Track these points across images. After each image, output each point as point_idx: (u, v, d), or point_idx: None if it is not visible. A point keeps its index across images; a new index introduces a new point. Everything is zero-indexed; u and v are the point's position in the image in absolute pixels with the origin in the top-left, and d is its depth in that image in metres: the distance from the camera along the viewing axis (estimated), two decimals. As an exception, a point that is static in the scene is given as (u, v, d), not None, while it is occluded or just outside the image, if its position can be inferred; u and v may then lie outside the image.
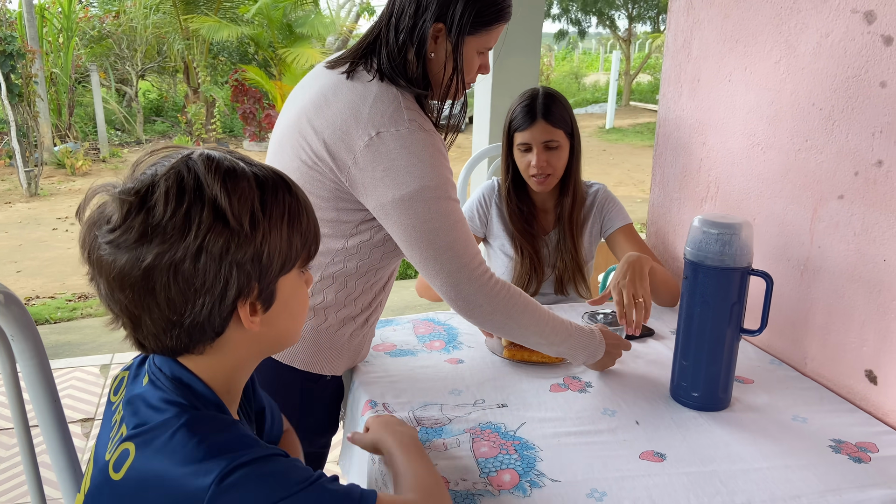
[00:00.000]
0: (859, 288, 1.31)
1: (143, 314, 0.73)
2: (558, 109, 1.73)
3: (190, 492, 0.68)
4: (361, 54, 1.26)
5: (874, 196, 1.27)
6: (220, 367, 0.80)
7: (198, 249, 0.70)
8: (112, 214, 0.71)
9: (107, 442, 0.79)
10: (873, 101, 1.26)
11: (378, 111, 1.18)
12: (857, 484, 1.07)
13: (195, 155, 0.74)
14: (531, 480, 1.05)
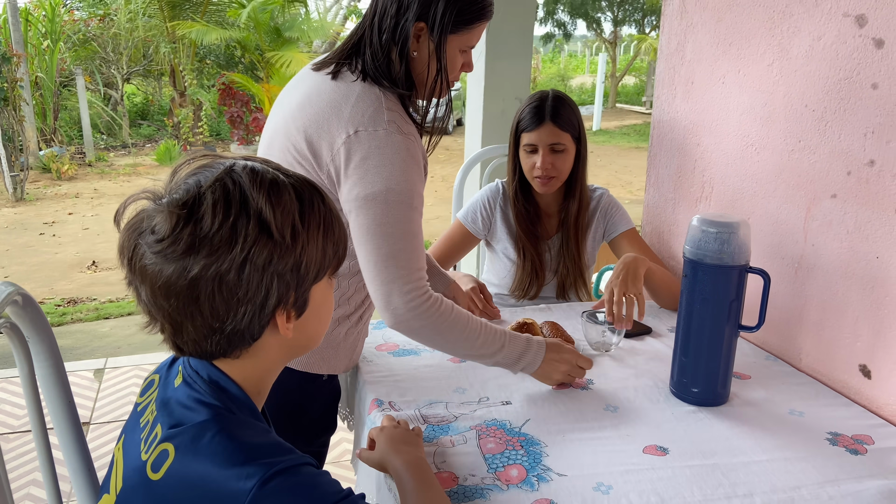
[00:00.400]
0: (853, 285, 1.35)
1: (185, 321, 0.75)
2: (567, 113, 1.75)
3: (231, 494, 0.69)
4: (346, 55, 1.28)
5: (866, 195, 1.30)
6: (252, 370, 0.82)
7: (243, 261, 0.72)
8: (158, 225, 0.72)
9: (138, 443, 0.80)
10: (865, 102, 1.29)
11: (359, 110, 1.20)
12: (854, 475, 1.09)
13: (238, 167, 0.76)
14: (538, 475, 1.07)
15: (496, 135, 3.19)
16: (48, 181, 9.50)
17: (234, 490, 0.69)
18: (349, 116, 1.20)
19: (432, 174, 10.99)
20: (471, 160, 2.28)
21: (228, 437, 0.74)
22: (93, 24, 11.66)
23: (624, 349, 1.53)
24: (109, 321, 4.43)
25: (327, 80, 1.26)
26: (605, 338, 1.51)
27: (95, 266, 6.08)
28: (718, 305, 1.25)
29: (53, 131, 11.25)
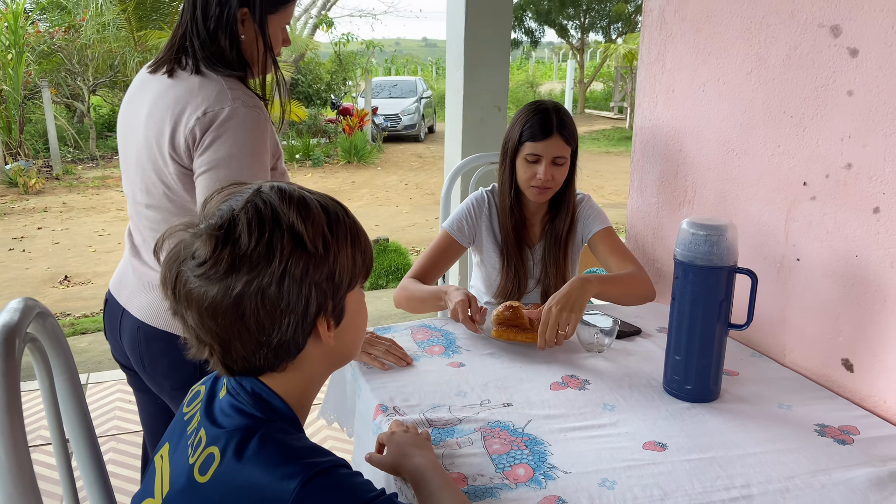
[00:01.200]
0: (833, 283, 1.41)
1: (233, 339, 0.78)
2: (571, 126, 1.77)
3: (275, 494, 0.73)
4: (175, 54, 1.38)
5: (845, 196, 1.37)
6: (296, 382, 0.86)
7: (282, 274, 0.76)
8: (198, 249, 0.76)
9: (186, 448, 0.83)
10: (841, 108, 1.36)
11: (203, 97, 1.31)
12: (843, 464, 1.15)
13: (265, 188, 0.80)
14: (545, 473, 1.11)
15: (476, 143, 3.24)
16: (15, 195, 9.33)
17: (279, 490, 0.72)
18: (196, 104, 1.30)
19: (406, 182, 11.02)
20: (457, 169, 2.32)
21: (272, 440, 0.77)
22: (58, 36, 11.48)
23: (616, 350, 1.58)
24: (87, 336, 4.38)
25: (165, 80, 1.37)
26: (597, 339, 1.55)
27: (68, 281, 5.99)
28: (709, 305, 1.31)
29: (19, 145, 11.05)
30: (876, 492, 1.07)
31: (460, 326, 1.69)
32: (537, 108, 1.77)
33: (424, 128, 16.14)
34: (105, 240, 7.36)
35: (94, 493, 1.02)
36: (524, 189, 1.82)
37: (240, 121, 1.29)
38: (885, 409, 1.32)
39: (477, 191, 1.95)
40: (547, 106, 1.77)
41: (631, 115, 16.91)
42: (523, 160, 1.78)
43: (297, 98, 13.86)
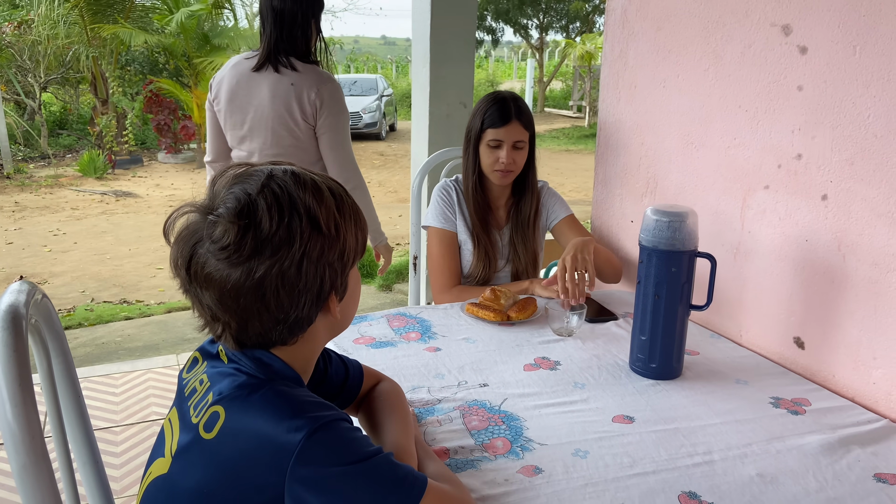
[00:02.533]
0: (786, 266, 1.51)
1: (252, 318, 0.83)
2: (527, 114, 1.90)
3: (282, 445, 0.77)
4: (270, 58, 2.18)
5: (795, 185, 1.46)
6: (301, 352, 0.91)
7: (301, 256, 0.81)
8: (219, 234, 0.79)
9: (188, 409, 0.87)
10: (792, 102, 1.45)
11: (311, 79, 2.19)
12: (796, 432, 1.24)
13: (278, 172, 0.84)
14: (522, 445, 1.17)
15: (442, 139, 3.30)
16: (-36, 195, 9.06)
17: (285, 442, 0.77)
18: (309, 84, 2.17)
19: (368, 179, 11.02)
20: (426, 164, 2.37)
21: (276, 394, 0.82)
22: (8, 31, 11.17)
23: (586, 333, 1.65)
24: (47, 336, 4.30)
25: (274, 74, 2.18)
26: (567, 323, 1.62)
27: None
28: (672, 287, 1.39)
29: (-33, 143, 10.71)
30: (827, 456, 1.16)
31: (435, 313, 1.75)
32: (496, 98, 1.89)
33: (386, 126, 16.12)
34: (60, 239, 7.21)
35: (90, 482, 1.05)
36: (488, 174, 1.92)
37: (337, 88, 2.22)
38: (834, 382, 1.42)
39: (440, 182, 2.02)
40: (504, 95, 1.90)
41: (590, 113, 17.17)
42: (486, 146, 1.89)
43: (257, 96, 13.71)
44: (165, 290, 5.46)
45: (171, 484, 0.86)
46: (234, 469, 0.79)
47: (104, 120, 11.23)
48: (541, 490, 1.05)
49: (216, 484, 0.80)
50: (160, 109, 11.22)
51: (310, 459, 0.77)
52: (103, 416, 2.83)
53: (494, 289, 1.75)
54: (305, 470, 0.77)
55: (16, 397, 0.73)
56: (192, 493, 0.82)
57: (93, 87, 11.83)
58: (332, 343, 1.56)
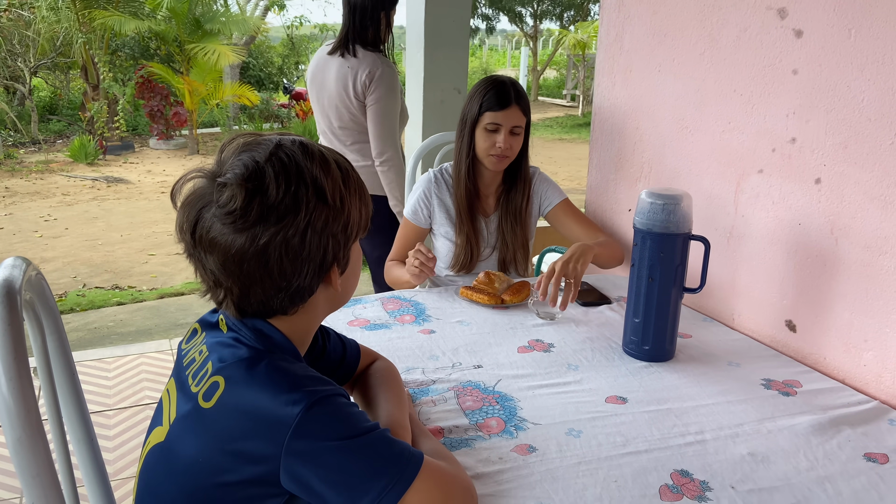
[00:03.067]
0: (778, 250, 1.51)
1: (254, 284, 0.83)
2: (525, 100, 1.87)
3: (279, 418, 0.77)
4: (342, 44, 2.47)
5: (789, 169, 1.47)
6: (300, 324, 0.91)
7: (306, 226, 0.82)
8: (227, 198, 0.80)
9: (186, 378, 0.87)
10: (787, 86, 1.45)
11: (366, 63, 2.42)
12: (787, 413, 1.25)
13: (286, 142, 0.85)
14: (516, 425, 1.18)
15: (436, 124, 3.29)
16: (-46, 180, 8.99)
17: (283, 415, 0.77)
18: (363, 68, 2.42)
19: (361, 167, 10.99)
20: (420, 149, 2.37)
21: (276, 367, 0.82)
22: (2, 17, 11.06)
23: (579, 317, 1.66)
24: (38, 321, 4.28)
25: (340, 58, 2.46)
26: (550, 308, 1.61)
27: (15, 266, 5.83)
28: (666, 270, 1.39)
29: (-44, 128, 10.61)
30: (818, 435, 1.18)
31: (430, 296, 1.76)
32: (495, 81, 1.86)
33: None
34: (51, 225, 7.17)
35: (86, 465, 1.05)
36: (483, 158, 1.89)
37: (390, 72, 2.43)
38: (825, 364, 1.43)
39: (425, 174, 2.01)
40: (503, 79, 1.87)
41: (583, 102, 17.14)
42: (483, 130, 1.86)
43: (249, 82, 13.62)
44: (158, 276, 5.44)
45: (168, 451, 0.87)
46: (231, 440, 0.80)
47: (95, 105, 11.14)
48: (534, 468, 1.06)
49: (212, 453, 0.81)
50: (152, 95, 11.14)
51: (306, 433, 0.77)
52: (96, 401, 2.82)
53: (489, 272, 1.75)
54: (301, 443, 0.77)
55: (11, 371, 0.73)
56: (189, 461, 0.83)
57: (83, 73, 11.73)
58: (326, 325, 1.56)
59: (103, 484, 1.07)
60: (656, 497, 1.00)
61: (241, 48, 12.27)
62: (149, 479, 0.90)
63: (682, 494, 1.01)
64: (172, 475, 0.85)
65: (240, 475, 0.79)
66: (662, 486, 1.03)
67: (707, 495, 1.01)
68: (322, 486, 0.78)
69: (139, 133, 12.75)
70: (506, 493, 1.00)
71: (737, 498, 1.00)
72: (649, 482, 1.03)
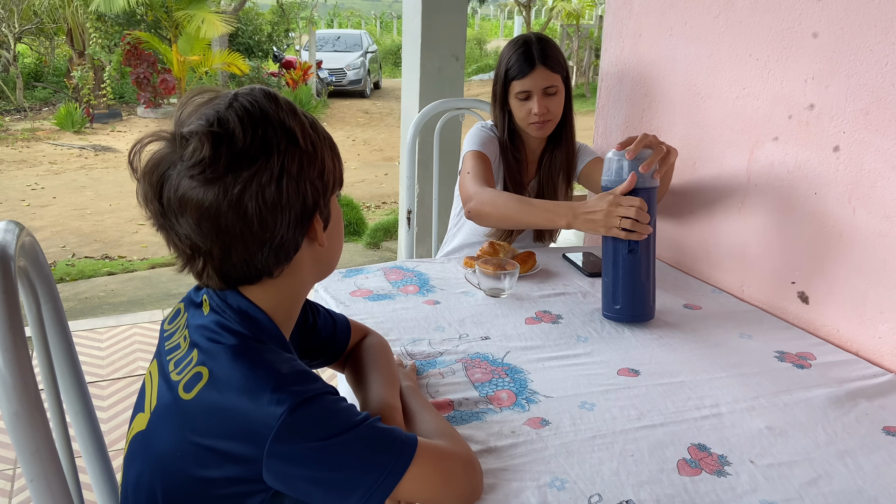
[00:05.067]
0: (792, 220, 1.48)
1: (235, 241, 0.78)
2: (554, 53, 1.74)
3: (261, 418, 0.72)
4: None
5: (806, 137, 1.43)
6: (286, 293, 0.86)
7: (280, 171, 0.77)
8: (192, 151, 0.74)
9: (167, 364, 0.82)
10: (806, 50, 1.41)
11: None
12: (803, 385, 1.22)
13: (244, 90, 0.80)
14: (527, 398, 1.15)
15: (434, 92, 3.22)
16: (-63, 147, 8.82)
17: (265, 415, 0.72)
18: None
19: (353, 138, 10.86)
20: (421, 116, 2.30)
21: (260, 362, 0.77)
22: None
23: (586, 288, 1.62)
24: (28, 291, 4.22)
25: None
26: (498, 283, 1.54)
27: (2, 236, 5.74)
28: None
29: (-61, 94, 10.40)
30: (835, 409, 1.15)
31: (433, 266, 1.71)
32: (517, 43, 1.76)
33: (370, 83, 15.87)
34: (39, 194, 7.06)
35: (80, 424, 1.01)
36: (525, 127, 1.80)
37: None
38: (839, 337, 1.40)
39: (483, 124, 1.88)
40: (527, 38, 1.76)
41: (577, 73, 16.97)
42: (515, 99, 1.77)
43: (238, 50, 13.38)
44: (148, 245, 5.37)
45: (148, 442, 0.83)
46: (210, 436, 0.75)
47: (80, 72, 10.92)
48: (548, 441, 1.03)
49: (190, 446, 0.76)
50: (139, 62, 10.93)
51: (289, 436, 0.73)
52: (89, 371, 2.78)
53: (493, 242, 1.71)
54: (284, 446, 0.73)
55: (7, 342, 0.68)
56: (166, 452, 0.79)
57: (69, 39, 11.49)
58: (327, 295, 1.52)
59: (102, 457, 1.04)
60: (674, 471, 0.97)
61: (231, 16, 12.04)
62: (132, 468, 0.86)
63: (701, 469, 0.98)
64: (152, 466, 0.81)
65: (220, 472, 0.75)
66: (680, 460, 1.00)
67: (726, 470, 0.98)
68: (308, 485, 0.75)
69: (126, 101, 12.54)
70: (520, 467, 0.97)
71: (756, 472, 0.98)
72: (666, 456, 1.01)
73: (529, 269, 1.67)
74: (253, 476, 0.75)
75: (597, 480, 0.95)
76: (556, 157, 1.87)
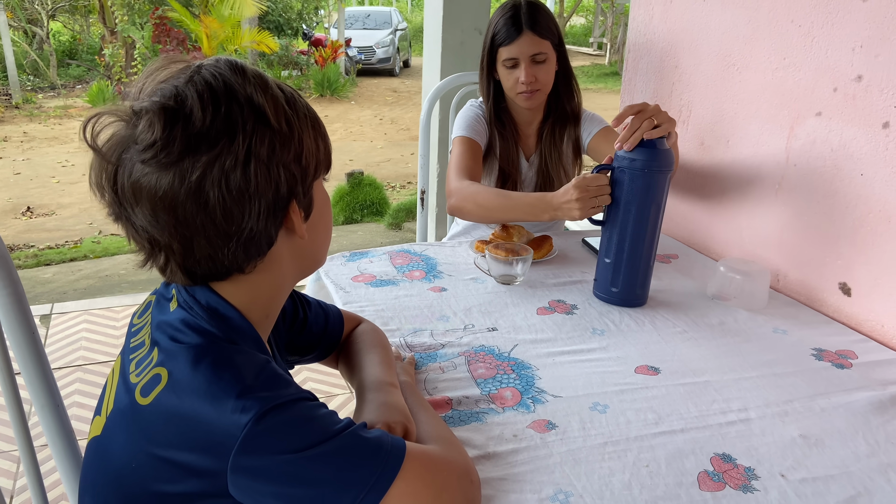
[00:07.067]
0: (835, 203, 1.34)
1: (196, 234, 0.68)
2: (544, 19, 1.63)
3: (223, 428, 0.64)
4: None
5: (853, 111, 1.29)
6: (263, 289, 0.77)
7: (247, 154, 0.67)
8: (143, 132, 0.65)
9: (128, 364, 0.74)
10: (854, 15, 1.26)
11: None
12: (843, 388, 1.10)
13: (209, 61, 0.70)
14: (533, 397, 1.04)
15: (455, 67, 3.09)
16: (-28, 124, 8.94)
17: (228, 424, 0.63)
18: None
19: (380, 117, 10.75)
20: (436, 90, 2.19)
21: (225, 364, 0.68)
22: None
23: (605, 274, 1.51)
24: (51, 267, 4.23)
25: None
26: (510, 270, 1.43)
27: (31, 212, 5.78)
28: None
29: (-26, 71, 10.54)
30: (878, 415, 1.03)
31: (442, 250, 1.61)
32: (505, 7, 1.64)
33: (399, 62, 15.72)
34: (69, 171, 7.10)
35: (47, 421, 0.94)
36: (512, 97, 1.70)
37: None
38: (883, 333, 1.27)
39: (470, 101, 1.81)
40: (514, 3, 1.63)
41: (611, 51, 16.62)
42: (503, 67, 1.67)
43: (268, 28, 13.32)
44: (172, 224, 5.36)
45: (103, 450, 0.74)
46: (168, 446, 0.66)
47: (112, 49, 10.97)
48: (554, 448, 0.93)
49: (146, 458, 0.68)
50: (168, 40, 10.92)
51: (256, 447, 0.63)
52: (103, 350, 2.75)
53: (507, 225, 1.60)
54: (250, 459, 0.63)
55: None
56: (121, 464, 0.70)
57: (101, 16, 11.53)
58: (327, 280, 1.43)
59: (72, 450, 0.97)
60: (694, 485, 0.87)
61: (261, -7, 11.95)
62: (86, 475, 0.78)
63: (725, 483, 0.87)
64: (106, 478, 0.73)
65: (181, 486, 0.66)
66: (701, 472, 0.89)
67: (753, 485, 0.87)
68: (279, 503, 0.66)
69: (157, 79, 12.57)
70: (520, 476, 0.87)
71: (787, 488, 0.87)
72: (686, 468, 0.90)
73: (545, 255, 1.56)
74: (218, 491, 0.66)
75: (605, 494, 0.85)
76: (557, 129, 1.75)
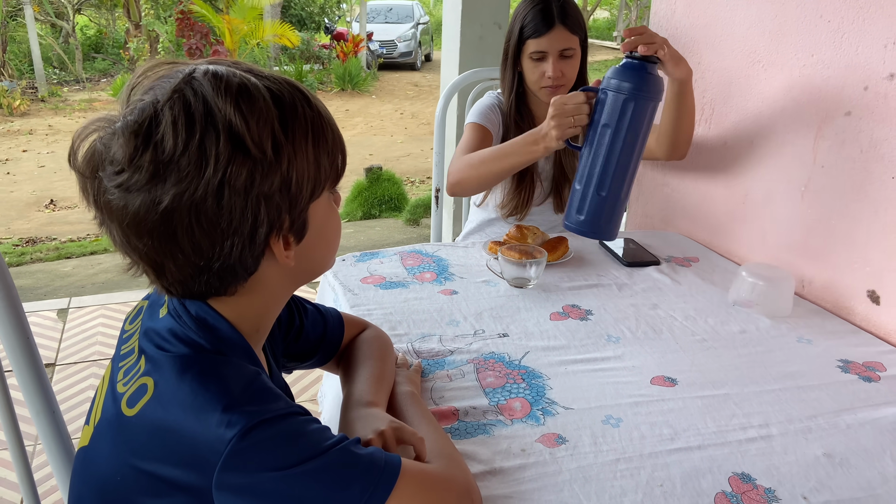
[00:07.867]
0: (864, 207, 1.28)
1: (165, 261, 0.65)
2: (574, 13, 1.59)
3: (208, 443, 0.61)
4: None
5: (884, 111, 1.22)
6: (251, 306, 0.73)
7: (219, 185, 0.62)
8: (115, 153, 0.62)
9: (117, 372, 0.72)
10: (886, 10, 1.20)
11: None
12: (869, 403, 1.05)
13: (198, 73, 0.64)
14: (543, 409, 1.00)
15: (474, 62, 3.05)
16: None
17: (212, 439, 0.61)
18: None
19: (401, 111, 10.72)
20: (454, 85, 2.14)
21: (211, 378, 0.65)
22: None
23: (623, 279, 1.46)
24: (71, 261, 4.26)
25: None
26: (523, 272, 1.38)
27: (54, 205, 5.84)
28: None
29: (2, 65, 10.68)
30: (907, 434, 0.98)
31: (454, 251, 1.57)
32: (532, 1, 1.59)
33: (421, 56, 15.66)
34: (92, 164, 7.17)
35: (41, 423, 0.92)
36: (535, 91, 1.66)
37: None
38: (914, 344, 1.22)
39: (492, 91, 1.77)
40: None
41: (634, 45, 16.41)
42: (529, 60, 1.62)
43: (290, 21, 13.34)
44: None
45: (89, 460, 0.72)
46: (152, 460, 0.64)
47: (136, 43, 11.06)
48: (563, 464, 0.89)
49: (129, 470, 0.65)
50: (191, 33, 10.97)
51: (241, 464, 0.60)
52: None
53: (521, 226, 1.55)
54: (235, 476, 0.60)
55: None
56: (108, 478, 0.67)
57: (126, 10, 11.63)
58: (336, 281, 1.40)
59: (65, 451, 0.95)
60: (710, 507, 0.82)
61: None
62: (73, 486, 0.76)
63: (743, 505, 0.83)
64: (92, 490, 0.71)
65: (166, 501, 0.63)
66: (718, 493, 0.85)
67: (773, 508, 0.83)
68: None
69: (181, 73, 12.65)
70: (526, 494, 0.84)
71: (810, 512, 0.82)
72: (702, 488, 0.86)
73: (560, 257, 1.51)
74: None
75: (615, 516, 0.80)
76: None
